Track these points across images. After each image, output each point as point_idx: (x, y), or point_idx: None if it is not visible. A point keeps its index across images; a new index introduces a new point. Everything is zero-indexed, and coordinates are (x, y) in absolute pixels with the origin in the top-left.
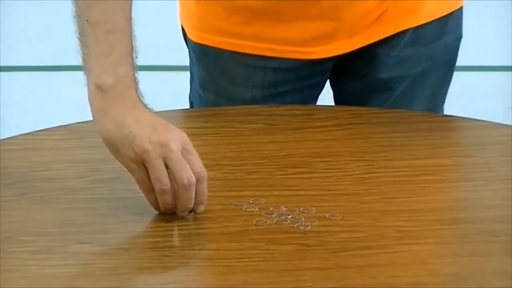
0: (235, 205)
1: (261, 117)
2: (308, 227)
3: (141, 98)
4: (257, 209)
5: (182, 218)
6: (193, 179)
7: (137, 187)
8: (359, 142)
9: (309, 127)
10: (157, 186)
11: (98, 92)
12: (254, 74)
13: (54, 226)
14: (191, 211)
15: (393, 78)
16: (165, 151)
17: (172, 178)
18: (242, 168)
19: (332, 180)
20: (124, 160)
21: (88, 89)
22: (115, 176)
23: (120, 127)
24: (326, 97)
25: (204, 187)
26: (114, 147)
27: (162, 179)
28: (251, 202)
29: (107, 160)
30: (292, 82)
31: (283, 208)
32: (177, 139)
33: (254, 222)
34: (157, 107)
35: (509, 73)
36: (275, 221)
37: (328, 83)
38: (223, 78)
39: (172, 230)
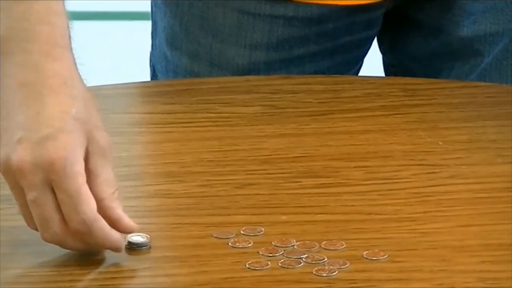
0: (216, 237)
1: (261, 95)
2: (335, 273)
3: (52, 66)
4: (251, 244)
5: (128, 259)
6: (51, 237)
7: None
8: (419, 135)
9: (338, 112)
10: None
11: None
12: (254, 26)
13: None
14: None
15: (482, 36)
16: (17, 181)
17: None
18: (228, 179)
19: (374, 198)
20: None
21: None
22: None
23: None
24: (370, 64)
25: (95, 240)
26: None
27: (25, 218)
28: (242, 232)
29: None
30: (316, 40)
31: (295, 243)
32: (39, 165)
33: (247, 265)
34: (99, 79)
35: None
36: (281, 263)
37: (375, 43)
38: (204, 31)
39: (110, 279)
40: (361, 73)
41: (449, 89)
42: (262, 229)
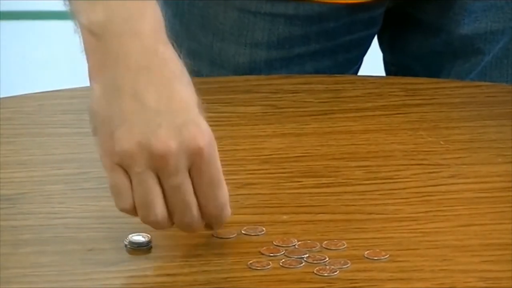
0: (217, 237)
1: (261, 94)
2: (336, 273)
3: (165, 49)
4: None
5: (128, 259)
6: (190, 221)
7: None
8: (420, 135)
9: (339, 111)
10: (141, 214)
11: (89, 37)
12: (255, 24)
13: None
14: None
15: (482, 34)
16: (157, 166)
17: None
18: (229, 178)
19: (375, 197)
20: (100, 149)
21: (81, 38)
22: (24, 191)
23: (110, 97)
24: (370, 63)
25: (218, 221)
26: (94, 124)
27: (150, 207)
28: (243, 232)
29: (13, 164)
30: (317, 39)
31: (296, 242)
32: (184, 150)
33: (248, 265)
34: None
35: None
36: (282, 263)
37: (375, 42)
38: (204, 30)
39: (111, 278)
40: (361, 73)
41: (450, 88)
42: (263, 228)
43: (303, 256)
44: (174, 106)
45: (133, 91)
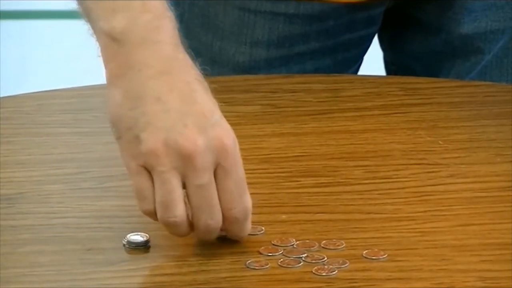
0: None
1: (260, 94)
2: (335, 273)
3: (184, 57)
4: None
5: (127, 258)
6: (215, 224)
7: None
8: (419, 134)
9: (338, 111)
10: (160, 214)
11: (109, 43)
12: (255, 23)
13: None
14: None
15: (482, 34)
16: (184, 167)
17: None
18: None
19: (374, 197)
20: (124, 153)
21: (98, 43)
22: (23, 190)
23: (132, 102)
24: (370, 63)
25: (241, 229)
26: (117, 130)
27: (170, 207)
28: None
29: (12, 164)
30: (317, 37)
31: (294, 242)
32: (211, 149)
33: (246, 264)
34: (99, 77)
35: None
36: (281, 262)
37: (375, 42)
38: (204, 29)
39: (110, 278)
40: (361, 72)
41: (449, 88)
42: (262, 228)
43: (301, 256)
44: (197, 108)
45: (156, 95)
